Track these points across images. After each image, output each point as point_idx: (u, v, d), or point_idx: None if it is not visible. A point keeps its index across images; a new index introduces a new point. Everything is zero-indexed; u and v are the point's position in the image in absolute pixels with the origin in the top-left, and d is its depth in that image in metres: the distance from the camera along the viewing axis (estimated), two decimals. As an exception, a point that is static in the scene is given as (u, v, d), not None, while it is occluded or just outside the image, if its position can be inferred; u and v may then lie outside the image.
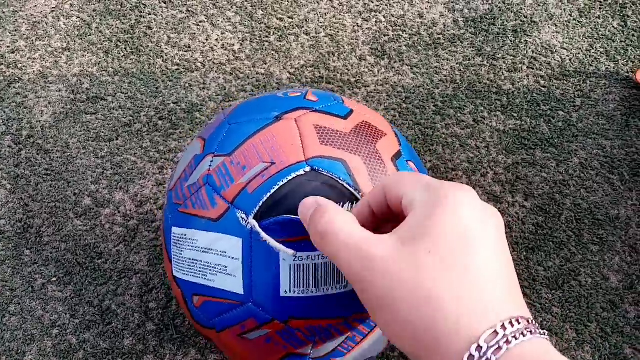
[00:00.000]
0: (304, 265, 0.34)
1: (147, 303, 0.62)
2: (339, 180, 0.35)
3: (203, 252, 0.36)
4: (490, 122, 0.76)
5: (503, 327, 0.23)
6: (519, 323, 0.23)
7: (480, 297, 0.24)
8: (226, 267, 0.35)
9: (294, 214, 0.33)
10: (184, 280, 0.39)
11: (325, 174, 0.35)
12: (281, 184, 0.35)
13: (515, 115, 0.77)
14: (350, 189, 0.35)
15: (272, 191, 0.35)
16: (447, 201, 0.26)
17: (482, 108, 0.77)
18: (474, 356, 0.22)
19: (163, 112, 0.77)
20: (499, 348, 0.22)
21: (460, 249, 0.25)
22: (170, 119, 0.76)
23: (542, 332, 0.24)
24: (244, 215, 0.34)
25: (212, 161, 0.38)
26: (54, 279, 0.65)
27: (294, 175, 0.35)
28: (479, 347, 0.22)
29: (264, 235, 0.34)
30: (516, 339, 0.23)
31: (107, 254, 0.66)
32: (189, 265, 0.38)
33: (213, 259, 0.36)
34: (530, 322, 0.24)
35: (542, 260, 0.66)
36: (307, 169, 0.35)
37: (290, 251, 0.33)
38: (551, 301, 0.64)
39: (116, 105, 0.78)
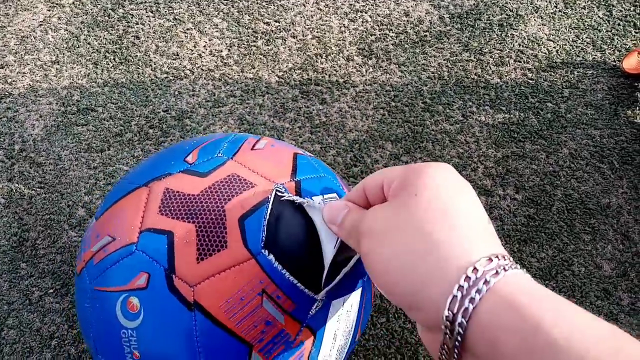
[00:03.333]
0: None
1: (143, 311, 0.63)
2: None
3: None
4: (479, 116, 0.77)
5: (497, 257, 0.24)
6: (504, 259, 0.24)
7: (468, 233, 0.25)
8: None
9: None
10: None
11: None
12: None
13: (503, 108, 0.77)
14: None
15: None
16: (426, 169, 0.28)
17: (471, 103, 0.78)
18: (470, 278, 0.23)
19: (153, 121, 0.77)
20: (497, 272, 0.23)
21: (444, 195, 0.26)
22: (160, 127, 0.77)
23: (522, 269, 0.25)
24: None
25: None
26: (51, 290, 0.65)
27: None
28: (475, 270, 0.23)
29: None
30: (511, 268, 0.23)
31: (102, 264, 0.66)
32: None
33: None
34: (512, 260, 0.25)
35: (535, 252, 0.67)
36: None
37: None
38: (545, 292, 0.64)
39: (107, 116, 0.78)
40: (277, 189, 0.36)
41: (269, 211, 0.35)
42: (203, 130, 0.76)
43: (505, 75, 0.80)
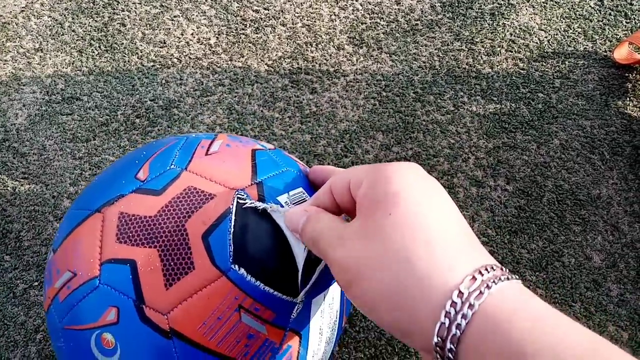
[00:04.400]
0: None
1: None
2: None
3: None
4: (470, 106, 0.76)
5: (480, 273, 0.23)
6: (493, 270, 0.24)
7: (448, 249, 0.24)
8: None
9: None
10: None
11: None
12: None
13: (495, 99, 0.77)
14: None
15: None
16: (395, 174, 0.27)
17: (462, 93, 0.77)
18: (456, 303, 0.22)
19: (140, 110, 0.76)
20: (481, 293, 0.22)
21: (418, 208, 0.25)
22: (147, 116, 0.75)
23: (515, 277, 0.24)
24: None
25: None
26: (36, 283, 0.64)
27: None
28: (460, 294, 0.23)
29: None
30: (495, 283, 0.23)
31: (88, 256, 0.65)
32: None
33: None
34: (502, 269, 0.24)
35: (526, 243, 0.66)
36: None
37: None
38: (535, 283, 0.64)
39: (92, 105, 0.76)
40: (238, 196, 0.34)
41: (232, 223, 0.33)
42: (191, 120, 0.75)
43: (497, 65, 0.80)
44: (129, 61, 0.80)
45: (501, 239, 0.67)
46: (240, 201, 0.34)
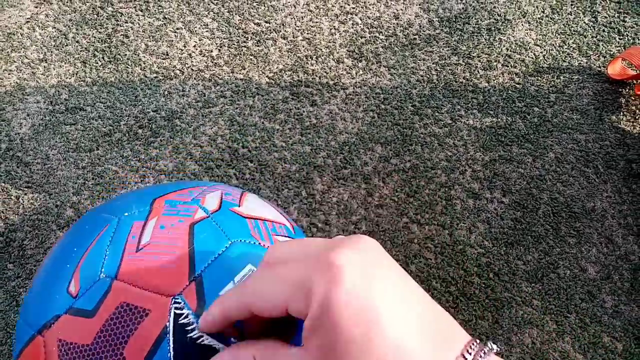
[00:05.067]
0: None
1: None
2: None
3: None
4: (467, 120, 0.78)
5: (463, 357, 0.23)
6: (469, 353, 0.23)
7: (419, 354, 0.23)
8: None
9: None
10: None
11: None
12: None
13: (491, 112, 0.78)
14: None
15: None
16: (336, 296, 0.23)
17: (459, 107, 0.79)
18: None
19: (143, 121, 0.77)
20: None
21: (372, 331, 0.23)
22: (150, 127, 0.76)
23: (489, 347, 0.24)
24: None
25: None
26: (38, 292, 0.64)
27: None
28: None
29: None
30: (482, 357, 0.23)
31: (90, 265, 0.66)
32: None
33: None
34: (473, 344, 0.24)
35: (522, 255, 0.68)
36: None
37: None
38: (531, 294, 0.65)
39: (95, 115, 0.77)
40: (175, 306, 0.31)
41: (171, 346, 0.30)
42: (193, 131, 0.76)
43: (493, 80, 0.81)
44: (132, 72, 0.81)
45: (497, 251, 0.68)
46: (177, 312, 0.31)
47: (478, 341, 0.24)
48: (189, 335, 0.30)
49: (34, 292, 0.36)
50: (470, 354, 0.23)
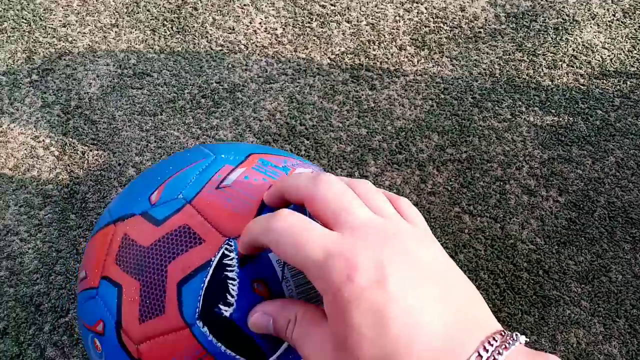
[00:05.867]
0: None
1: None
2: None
3: None
4: (528, 117, 0.77)
5: (484, 349, 0.23)
6: (495, 341, 0.23)
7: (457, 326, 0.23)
8: None
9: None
10: None
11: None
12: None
13: (553, 111, 0.77)
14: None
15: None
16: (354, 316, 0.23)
17: (520, 103, 0.78)
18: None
19: (206, 91, 0.79)
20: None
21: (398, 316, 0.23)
22: (212, 97, 0.78)
23: (515, 337, 0.24)
24: None
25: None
26: (98, 243, 0.67)
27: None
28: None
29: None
30: (500, 354, 0.22)
31: (148, 223, 0.68)
32: None
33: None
34: (502, 333, 0.23)
35: (573, 255, 0.67)
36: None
37: None
38: (580, 295, 0.64)
39: (161, 82, 0.80)
40: (226, 247, 0.33)
41: (208, 278, 0.32)
42: (253, 105, 0.78)
43: (557, 79, 0.80)
44: (198, 44, 0.84)
45: (549, 249, 0.67)
46: (226, 252, 0.33)
47: (506, 332, 0.23)
48: (225, 274, 0.32)
49: (126, 190, 0.41)
50: (492, 345, 0.22)
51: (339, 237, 0.24)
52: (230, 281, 0.32)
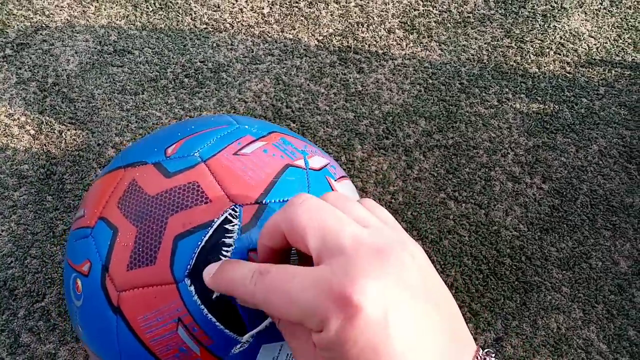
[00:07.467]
0: None
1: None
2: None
3: None
4: (514, 103, 0.77)
5: None
6: (482, 350, 0.24)
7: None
8: None
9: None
10: None
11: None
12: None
13: (539, 99, 0.77)
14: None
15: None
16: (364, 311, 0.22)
17: (507, 89, 0.78)
18: None
19: (189, 70, 0.77)
20: None
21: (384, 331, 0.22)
22: (196, 77, 0.76)
23: (491, 352, 0.25)
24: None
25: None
26: (77, 225, 0.65)
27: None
28: None
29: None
30: None
31: (129, 205, 0.67)
32: None
33: None
34: (481, 348, 0.25)
35: (555, 242, 0.68)
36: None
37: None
38: (561, 281, 0.65)
39: (143, 60, 0.77)
40: (230, 212, 0.32)
41: (206, 238, 0.32)
42: (238, 85, 0.76)
43: (544, 66, 0.80)
44: (182, 21, 0.81)
45: (532, 235, 0.68)
46: (229, 217, 0.32)
47: (483, 351, 0.24)
48: (223, 239, 0.32)
49: (143, 140, 0.41)
50: None
51: (326, 271, 0.23)
52: (226, 247, 0.32)
